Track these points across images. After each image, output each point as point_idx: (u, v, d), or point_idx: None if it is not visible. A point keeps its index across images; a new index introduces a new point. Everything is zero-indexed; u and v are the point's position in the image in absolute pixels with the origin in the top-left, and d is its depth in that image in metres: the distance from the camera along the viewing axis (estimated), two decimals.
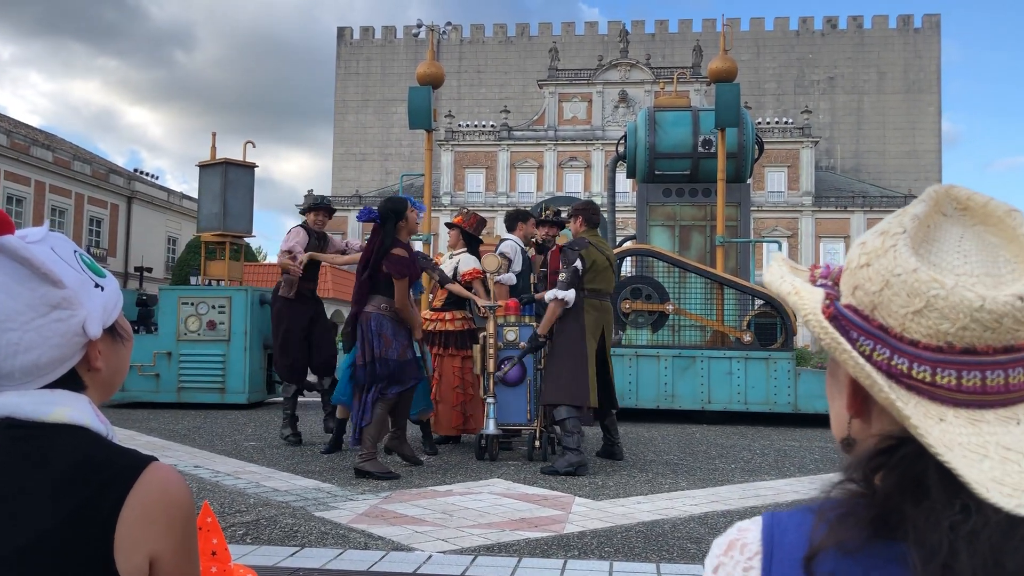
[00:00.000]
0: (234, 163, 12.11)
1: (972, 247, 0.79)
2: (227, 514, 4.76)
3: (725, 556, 0.84)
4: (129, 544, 1.09)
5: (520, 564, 3.90)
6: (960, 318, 0.75)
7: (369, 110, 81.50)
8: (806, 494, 5.70)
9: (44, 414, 1.14)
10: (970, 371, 0.76)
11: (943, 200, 0.82)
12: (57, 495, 1.08)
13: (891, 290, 0.78)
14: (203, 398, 10.88)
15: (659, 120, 13.20)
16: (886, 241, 0.80)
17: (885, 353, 0.78)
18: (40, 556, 1.05)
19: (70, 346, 1.17)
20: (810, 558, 0.75)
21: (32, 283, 1.13)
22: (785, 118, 65.00)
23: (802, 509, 0.82)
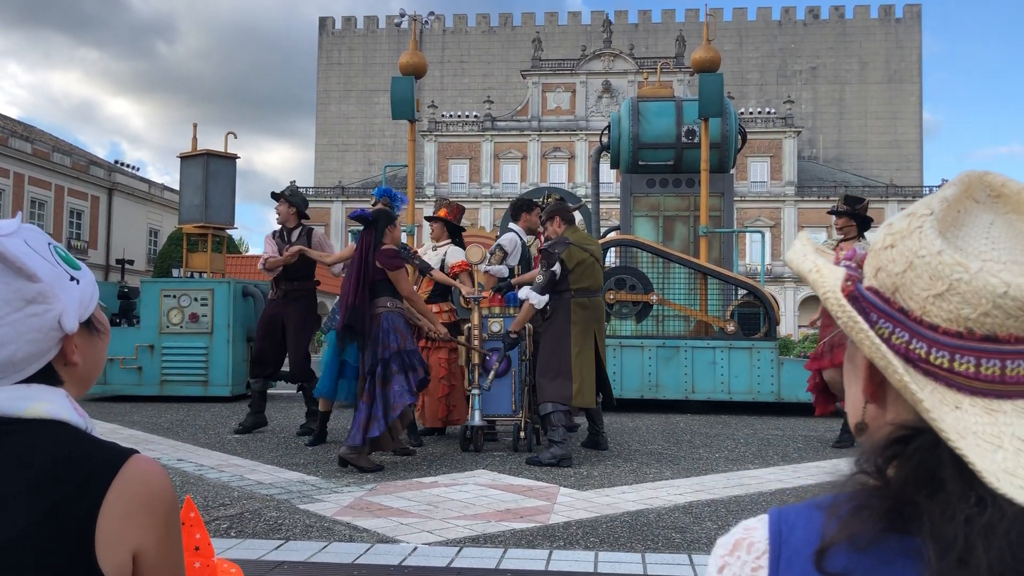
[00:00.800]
0: (215, 154, 12.02)
1: (1002, 234, 0.77)
2: (211, 508, 4.74)
3: (731, 556, 0.82)
4: (111, 539, 1.08)
5: (505, 555, 3.90)
6: (983, 304, 0.73)
7: (351, 101, 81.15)
8: (790, 483, 5.73)
9: (21, 409, 1.12)
10: (990, 359, 0.74)
11: (976, 186, 0.80)
12: (36, 491, 1.07)
13: (914, 272, 0.76)
14: (186, 391, 10.82)
15: (643, 110, 13.20)
16: (912, 222, 0.78)
17: (904, 337, 0.77)
18: (20, 554, 1.04)
19: (46, 341, 1.15)
20: (821, 552, 0.74)
21: (6, 277, 1.11)
22: (768, 108, 65.23)
23: (809, 505, 0.81)
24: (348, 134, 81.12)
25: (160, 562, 1.14)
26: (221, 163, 12.05)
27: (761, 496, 5.28)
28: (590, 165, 21.64)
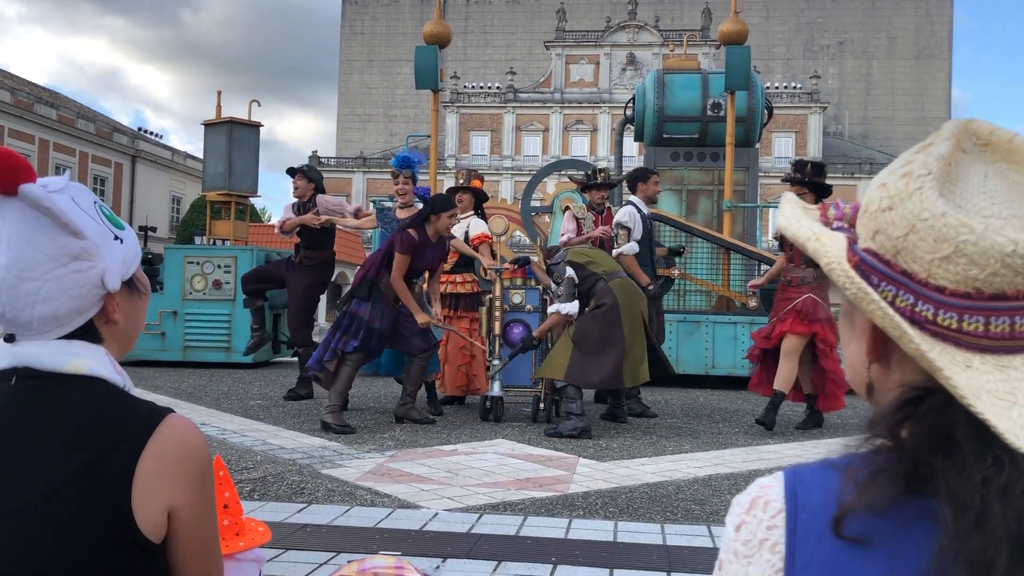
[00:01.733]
0: (239, 122, 12.05)
1: (998, 187, 0.76)
2: (235, 471, 4.79)
3: (748, 514, 0.81)
4: (147, 495, 1.10)
5: (525, 523, 3.93)
6: (991, 264, 0.72)
7: (374, 70, 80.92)
8: (809, 457, 5.71)
9: (62, 365, 1.14)
10: (999, 316, 0.74)
11: (963, 135, 0.78)
12: (74, 446, 1.09)
13: (917, 235, 0.75)
14: (209, 357, 10.93)
15: (668, 83, 13.08)
16: (910, 184, 0.76)
17: (909, 299, 0.76)
18: (57, 506, 1.05)
19: (88, 297, 1.16)
20: (839, 519, 0.73)
21: (53, 233, 1.12)
22: (794, 83, 64.47)
23: (824, 465, 0.80)
24: (370, 104, 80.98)
25: (194, 519, 1.16)
26: (245, 131, 12.08)
27: (780, 459, 5.27)
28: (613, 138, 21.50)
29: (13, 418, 1.11)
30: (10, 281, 1.11)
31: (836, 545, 0.73)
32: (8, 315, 1.13)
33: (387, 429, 6.44)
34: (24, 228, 1.11)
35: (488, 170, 60.58)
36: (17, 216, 1.11)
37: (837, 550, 0.73)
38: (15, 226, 1.11)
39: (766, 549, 0.78)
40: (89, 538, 1.05)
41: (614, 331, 6.30)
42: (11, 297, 1.12)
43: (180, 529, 1.14)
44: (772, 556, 0.77)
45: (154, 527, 1.10)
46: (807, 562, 0.74)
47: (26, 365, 1.14)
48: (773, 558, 0.77)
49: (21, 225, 1.11)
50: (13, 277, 1.11)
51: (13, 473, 1.07)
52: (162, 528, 1.12)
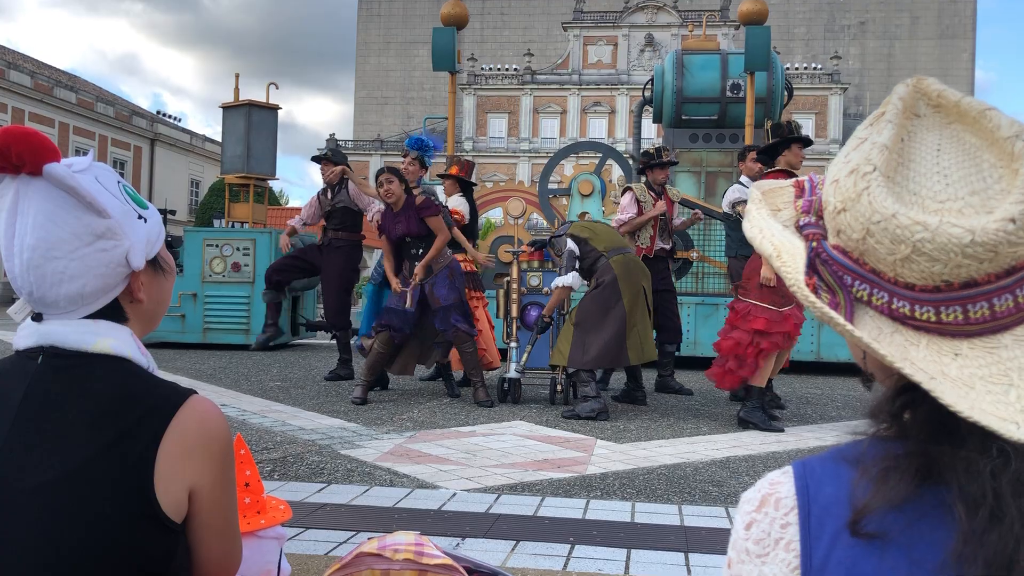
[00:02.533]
0: (257, 104, 12.07)
1: (952, 160, 0.73)
2: (255, 451, 4.84)
3: (758, 513, 0.79)
4: (168, 475, 1.11)
5: (543, 503, 3.95)
6: (952, 257, 0.70)
7: (391, 53, 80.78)
8: (828, 440, 5.71)
9: (87, 344, 1.15)
10: (976, 303, 0.72)
11: (912, 100, 0.76)
12: (97, 425, 1.10)
13: (873, 238, 0.73)
14: (228, 339, 11.01)
15: (687, 63, 12.98)
16: (858, 183, 0.74)
17: (884, 297, 0.74)
18: (79, 484, 1.06)
19: (113, 276, 1.17)
20: (856, 521, 0.72)
21: (77, 212, 1.13)
22: (814, 64, 63.84)
23: (834, 457, 0.78)
24: (387, 87, 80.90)
25: (215, 500, 1.17)
26: (263, 114, 12.11)
27: (799, 452, 5.27)
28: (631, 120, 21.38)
29: (39, 397, 1.12)
30: (36, 260, 1.12)
31: (851, 541, 0.72)
32: (35, 294, 1.14)
33: (406, 410, 6.48)
34: (49, 207, 1.12)
35: (505, 152, 60.50)
36: (42, 196, 1.12)
37: (852, 546, 0.72)
38: (40, 206, 1.12)
39: (781, 548, 0.76)
40: (111, 517, 1.07)
41: (613, 308, 6.34)
42: (37, 276, 1.13)
43: (201, 509, 1.15)
44: (787, 554, 0.76)
45: (175, 506, 1.12)
46: (824, 560, 0.73)
47: (52, 344, 1.15)
48: (788, 556, 0.75)
49: (46, 204, 1.12)
50: (39, 256, 1.12)
51: (38, 451, 1.08)
52: (183, 508, 1.13)
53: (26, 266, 1.12)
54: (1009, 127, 0.73)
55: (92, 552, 1.05)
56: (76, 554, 1.05)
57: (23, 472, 1.07)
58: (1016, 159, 0.71)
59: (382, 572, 1.44)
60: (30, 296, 1.15)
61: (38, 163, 1.11)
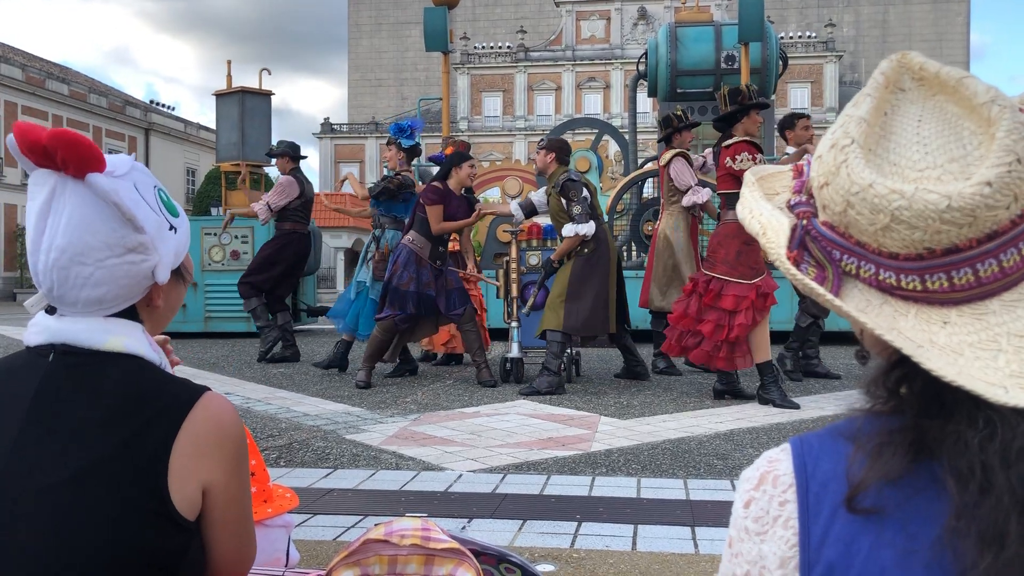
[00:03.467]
0: (251, 91, 12.02)
1: (932, 130, 0.73)
2: (260, 438, 4.85)
3: (756, 491, 0.80)
4: (182, 473, 1.10)
5: (549, 481, 3.97)
6: (930, 224, 0.70)
7: (383, 34, 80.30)
8: (830, 410, 5.72)
9: (100, 342, 1.14)
10: (959, 269, 0.72)
11: (896, 75, 0.76)
12: (110, 423, 1.09)
13: (854, 210, 0.73)
14: (230, 327, 11.02)
15: (680, 36, 12.90)
16: (837, 157, 0.74)
17: (871, 269, 0.75)
18: (94, 482, 1.06)
19: (137, 287, 1.17)
20: (852, 497, 0.72)
21: (114, 223, 1.12)
22: (808, 32, 63.44)
23: (831, 433, 0.78)
24: (380, 69, 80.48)
25: (229, 497, 1.16)
26: (256, 100, 12.06)
27: (803, 423, 5.28)
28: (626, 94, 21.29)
29: (51, 395, 1.11)
30: (63, 262, 1.11)
31: (849, 517, 0.72)
32: (55, 292, 1.14)
33: (409, 393, 6.50)
34: (86, 213, 1.11)
35: (501, 131, 60.26)
36: (80, 200, 1.11)
37: (850, 522, 0.72)
38: (76, 210, 1.11)
39: (779, 525, 0.76)
40: (125, 515, 1.06)
41: (605, 276, 6.49)
42: (60, 277, 1.12)
43: (214, 507, 1.15)
44: (786, 532, 0.76)
45: (189, 504, 1.11)
46: (822, 536, 0.73)
47: (63, 342, 1.14)
48: (787, 533, 0.76)
49: (83, 210, 1.11)
50: (67, 259, 1.11)
51: (51, 450, 1.08)
52: (196, 505, 1.13)
53: (51, 265, 1.12)
54: (985, 93, 0.72)
55: (105, 550, 1.05)
56: (89, 553, 1.05)
57: (36, 471, 1.07)
58: (992, 123, 0.71)
59: (389, 558, 1.45)
60: (50, 292, 1.14)
61: (82, 171, 1.10)
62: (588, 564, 2.88)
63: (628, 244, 11.63)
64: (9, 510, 1.06)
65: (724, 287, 5.76)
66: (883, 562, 0.69)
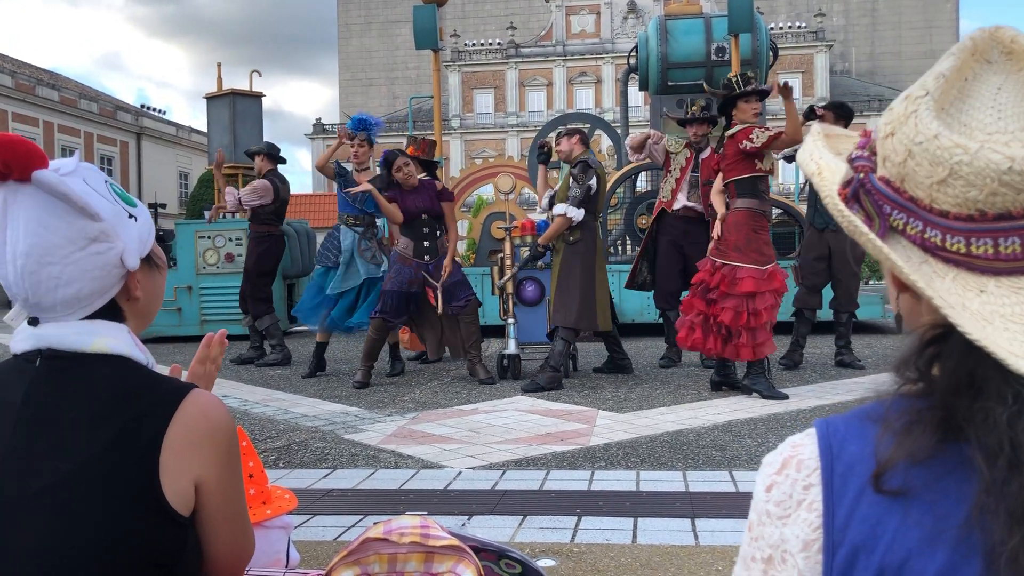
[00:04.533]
0: (241, 93, 11.99)
1: (1010, 99, 0.72)
2: (258, 440, 4.85)
3: (779, 475, 0.78)
4: (174, 469, 1.11)
5: (548, 476, 3.97)
6: (988, 183, 0.69)
7: (373, 33, 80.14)
8: (828, 399, 5.74)
9: (85, 344, 1.14)
10: (1008, 237, 0.71)
11: (985, 46, 0.75)
12: (98, 423, 1.09)
13: (914, 160, 0.73)
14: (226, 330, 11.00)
15: (670, 29, 12.89)
16: (908, 106, 0.74)
17: (918, 226, 0.74)
18: (86, 481, 1.06)
19: (109, 277, 1.17)
20: (879, 475, 0.71)
21: (69, 217, 1.12)
22: (798, 22, 63.44)
23: (858, 416, 0.77)
24: (371, 68, 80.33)
25: (222, 491, 1.17)
26: (247, 102, 12.03)
27: (800, 413, 5.29)
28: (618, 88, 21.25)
29: (39, 399, 1.11)
30: (31, 267, 1.11)
31: (875, 499, 0.71)
32: (31, 299, 1.14)
33: (407, 391, 6.50)
34: (40, 214, 1.11)
35: (493, 128, 60.16)
36: (32, 202, 1.11)
37: (876, 503, 0.71)
38: (31, 212, 1.11)
39: (803, 508, 0.76)
40: (119, 514, 1.07)
41: (595, 271, 6.55)
42: (33, 282, 1.12)
43: (208, 501, 1.15)
44: (810, 515, 0.75)
45: (182, 500, 1.12)
46: (847, 518, 0.72)
47: (49, 346, 1.14)
48: (811, 516, 0.75)
49: (37, 211, 1.11)
50: (33, 263, 1.11)
51: (42, 453, 1.08)
52: (190, 501, 1.13)
53: (20, 273, 1.12)
54: None
55: (101, 551, 1.05)
56: (87, 553, 1.05)
57: (27, 476, 1.07)
58: None
59: (389, 556, 1.45)
60: (26, 302, 1.15)
61: (26, 170, 1.09)
62: (589, 558, 2.88)
63: (623, 238, 11.63)
64: (4, 515, 1.06)
65: (737, 272, 5.70)
66: (909, 543, 0.69)
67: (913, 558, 0.68)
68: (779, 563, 0.77)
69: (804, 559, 0.75)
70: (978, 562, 0.66)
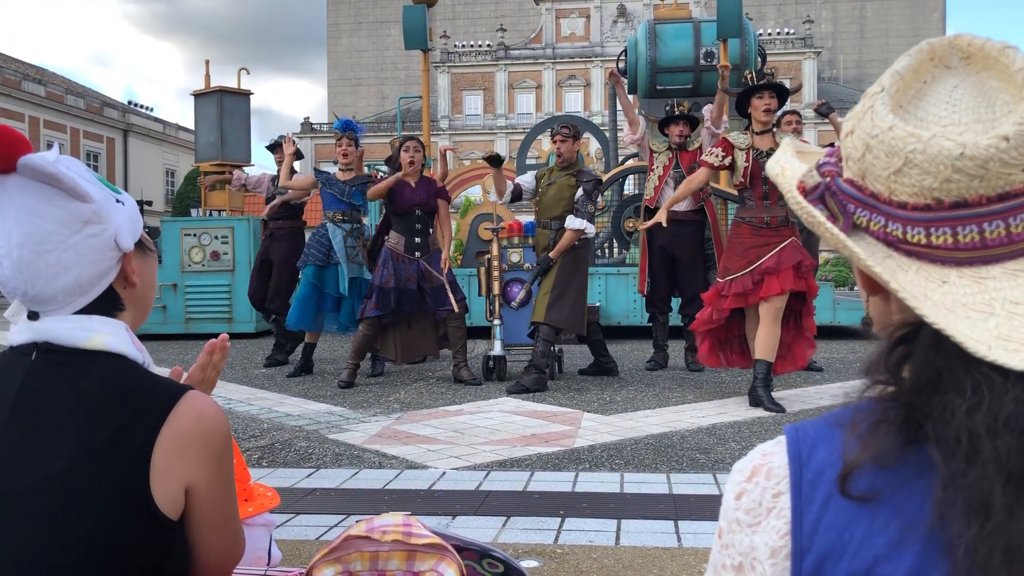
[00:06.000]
0: (229, 91, 11.95)
1: (965, 95, 0.73)
2: (242, 439, 4.83)
3: (749, 483, 0.79)
4: (165, 472, 1.10)
5: (532, 478, 3.97)
6: (941, 170, 0.70)
7: (362, 33, 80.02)
8: (812, 403, 5.76)
9: (82, 340, 1.13)
10: (965, 226, 0.71)
11: (945, 52, 0.76)
12: (93, 422, 1.08)
13: (872, 153, 0.74)
14: (211, 328, 10.94)
15: (660, 33, 12.93)
16: (865, 103, 0.76)
17: (880, 221, 0.74)
18: (77, 479, 1.05)
19: (106, 261, 1.16)
20: (845, 476, 0.71)
21: (60, 200, 1.11)
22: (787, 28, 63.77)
23: (827, 421, 0.77)
24: (360, 68, 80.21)
25: (214, 497, 1.15)
26: (235, 100, 11.99)
27: (784, 417, 5.31)
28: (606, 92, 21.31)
29: (33, 394, 1.10)
30: (27, 257, 1.09)
31: (843, 504, 0.71)
32: (31, 292, 1.12)
33: (392, 392, 6.49)
34: (30, 201, 1.09)
35: (482, 130, 60.18)
36: (21, 191, 1.09)
37: (844, 509, 0.71)
38: (21, 201, 1.09)
39: (773, 516, 0.75)
40: (107, 514, 1.05)
41: (584, 276, 6.62)
42: (31, 273, 1.10)
43: (198, 505, 1.14)
44: (778, 522, 0.75)
45: (171, 504, 1.10)
46: (815, 524, 0.72)
47: (46, 340, 1.13)
48: (779, 523, 0.75)
49: (26, 199, 1.09)
50: (30, 252, 1.09)
51: (34, 448, 1.07)
52: (179, 505, 1.12)
53: (17, 265, 1.10)
54: (1022, 61, 0.72)
55: (88, 549, 1.04)
56: (72, 551, 1.04)
57: (18, 469, 1.06)
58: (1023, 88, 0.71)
59: (371, 554, 1.44)
60: (25, 296, 1.12)
61: (12, 157, 1.08)
62: (572, 559, 2.88)
63: (609, 240, 11.65)
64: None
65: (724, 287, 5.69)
66: (876, 549, 0.68)
67: (880, 563, 0.68)
68: (748, 570, 0.77)
69: (771, 565, 0.74)
70: (945, 564, 0.65)
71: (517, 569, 1.73)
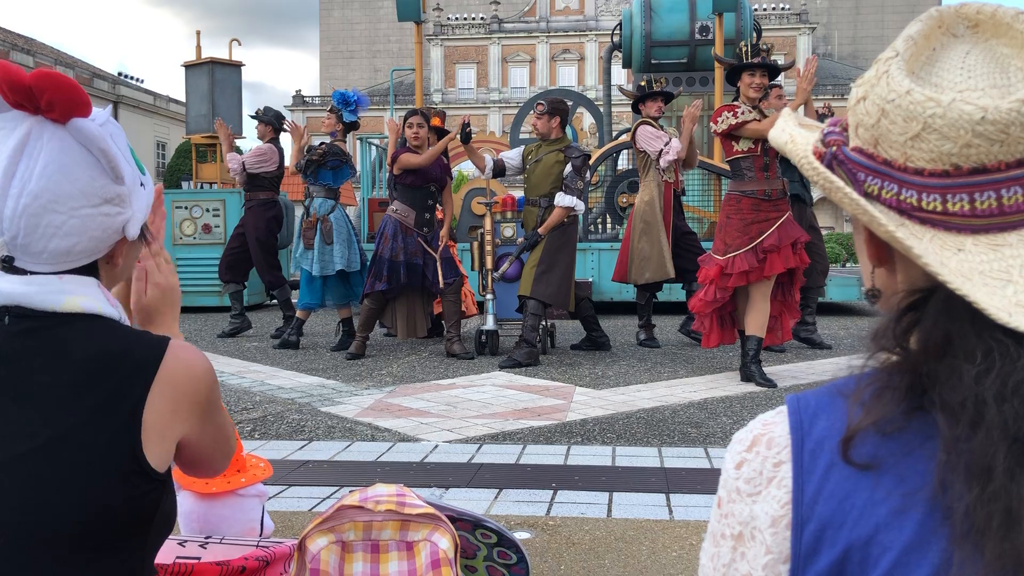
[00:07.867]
0: (220, 62, 11.84)
1: (978, 61, 0.72)
2: (234, 411, 4.83)
3: (749, 453, 0.78)
4: (157, 432, 1.09)
5: (524, 451, 3.98)
6: (962, 135, 0.69)
7: (355, 5, 79.29)
8: (804, 378, 5.79)
9: (56, 303, 1.10)
10: (983, 192, 0.70)
11: (951, 20, 0.75)
12: (80, 387, 1.06)
13: (888, 119, 0.72)
14: (202, 301, 10.92)
15: (655, 7, 12.85)
16: (879, 68, 0.74)
17: (893, 189, 0.73)
18: (67, 449, 1.04)
19: (106, 241, 1.14)
20: (847, 441, 0.70)
21: (94, 171, 1.09)
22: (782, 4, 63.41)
23: (830, 390, 0.77)
24: (352, 40, 79.54)
25: (207, 437, 1.19)
26: (226, 71, 11.88)
27: (775, 392, 5.34)
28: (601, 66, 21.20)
29: (9, 360, 1.07)
30: (35, 209, 1.06)
31: (845, 473, 0.70)
32: (20, 240, 1.07)
33: (385, 365, 6.49)
34: (65, 160, 1.06)
35: (475, 103, 59.87)
36: (59, 145, 1.06)
37: (845, 478, 0.70)
38: (55, 155, 1.06)
39: (773, 486, 0.75)
40: (99, 480, 1.04)
41: (572, 252, 6.61)
42: (30, 224, 1.06)
43: (192, 446, 1.18)
44: (779, 491, 0.74)
45: (162, 459, 1.11)
46: (815, 493, 0.72)
47: (16, 304, 1.09)
48: (780, 493, 0.74)
49: (62, 156, 1.06)
50: (39, 206, 1.06)
51: (19, 418, 1.05)
52: (170, 457, 1.13)
53: (21, 212, 1.06)
54: None
55: (80, 517, 1.03)
56: (63, 520, 1.03)
57: (3, 440, 1.04)
58: None
59: (364, 524, 1.45)
60: (13, 240, 1.08)
61: (68, 115, 1.06)
62: (564, 531, 2.90)
63: (603, 216, 11.63)
64: None
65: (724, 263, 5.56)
66: (877, 517, 0.68)
67: (881, 532, 0.68)
68: (748, 540, 0.76)
69: (772, 535, 0.74)
70: (946, 531, 0.65)
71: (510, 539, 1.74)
